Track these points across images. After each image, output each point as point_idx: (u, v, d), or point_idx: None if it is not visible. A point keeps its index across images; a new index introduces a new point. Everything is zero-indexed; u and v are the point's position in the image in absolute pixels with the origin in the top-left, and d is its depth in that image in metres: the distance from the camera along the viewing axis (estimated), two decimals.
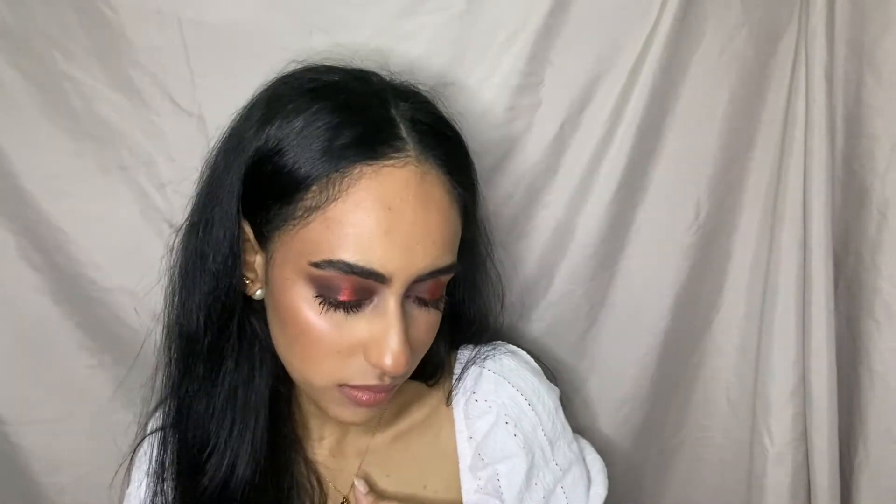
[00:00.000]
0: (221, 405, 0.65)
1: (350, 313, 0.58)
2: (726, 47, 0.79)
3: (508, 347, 0.76)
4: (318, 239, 0.57)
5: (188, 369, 0.66)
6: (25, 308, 0.84)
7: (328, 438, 0.71)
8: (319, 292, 0.57)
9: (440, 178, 0.59)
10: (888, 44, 0.75)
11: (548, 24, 0.76)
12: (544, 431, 0.71)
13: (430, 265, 0.58)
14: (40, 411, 0.87)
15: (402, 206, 0.56)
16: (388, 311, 0.57)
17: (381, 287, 0.57)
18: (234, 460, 0.65)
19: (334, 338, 0.58)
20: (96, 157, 0.79)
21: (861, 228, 0.80)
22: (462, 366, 0.73)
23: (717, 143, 0.82)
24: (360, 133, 0.57)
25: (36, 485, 0.88)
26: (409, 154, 0.58)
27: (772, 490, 0.85)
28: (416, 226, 0.57)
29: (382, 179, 0.57)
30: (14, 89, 0.77)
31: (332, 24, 0.75)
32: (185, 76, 0.77)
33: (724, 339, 0.90)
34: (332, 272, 0.56)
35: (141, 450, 0.72)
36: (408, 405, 0.72)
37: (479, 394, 0.71)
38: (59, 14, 0.75)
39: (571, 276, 0.85)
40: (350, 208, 0.56)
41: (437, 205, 0.59)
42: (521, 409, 0.71)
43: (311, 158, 0.57)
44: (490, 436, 0.70)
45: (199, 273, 0.64)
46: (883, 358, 0.80)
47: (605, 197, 0.81)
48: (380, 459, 0.71)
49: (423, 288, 0.59)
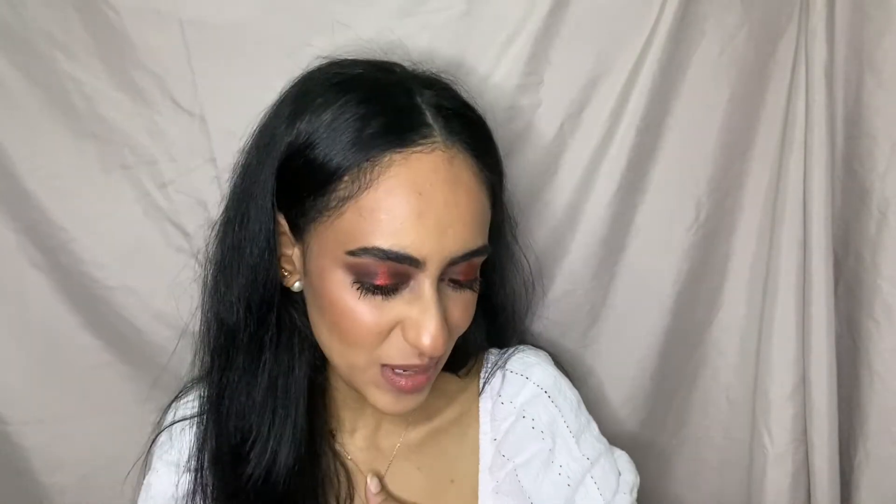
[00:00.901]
0: (262, 395, 0.66)
1: (388, 297, 0.59)
2: (726, 47, 0.79)
3: (528, 347, 0.77)
4: (353, 228, 0.58)
5: (229, 361, 0.67)
6: (28, 307, 0.84)
7: (361, 430, 0.72)
8: (357, 278, 0.59)
9: (467, 162, 0.61)
10: (888, 44, 0.75)
11: (547, 23, 0.76)
12: (567, 423, 0.72)
13: (463, 248, 0.59)
14: (42, 411, 0.87)
15: (432, 191, 0.58)
16: (425, 294, 0.59)
17: (416, 271, 0.58)
18: (276, 448, 0.66)
19: (374, 320, 0.59)
20: (98, 156, 0.80)
21: (861, 228, 0.80)
22: (489, 368, 0.75)
23: (716, 142, 0.82)
24: (387, 122, 0.59)
25: (37, 485, 0.89)
26: (436, 140, 0.59)
27: (772, 490, 0.85)
28: (447, 209, 0.58)
29: (412, 165, 0.58)
30: (16, 89, 0.77)
31: (332, 25, 0.75)
32: (186, 76, 0.77)
33: (724, 339, 0.90)
34: (367, 259, 0.58)
35: (162, 438, 0.73)
36: (439, 404, 0.73)
37: (503, 396, 0.73)
38: (60, 14, 0.75)
39: (572, 277, 0.85)
40: (382, 196, 0.57)
41: (466, 187, 0.60)
42: (542, 403, 0.72)
43: (341, 150, 0.58)
44: (511, 432, 0.71)
45: (237, 267, 0.65)
46: (883, 358, 0.80)
47: (605, 197, 0.81)
48: (412, 453, 0.72)
49: (457, 270, 0.61)
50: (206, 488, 0.67)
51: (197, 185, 0.81)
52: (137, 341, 0.85)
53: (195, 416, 0.70)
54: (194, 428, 0.70)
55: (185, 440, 0.70)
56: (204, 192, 0.81)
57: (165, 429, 0.73)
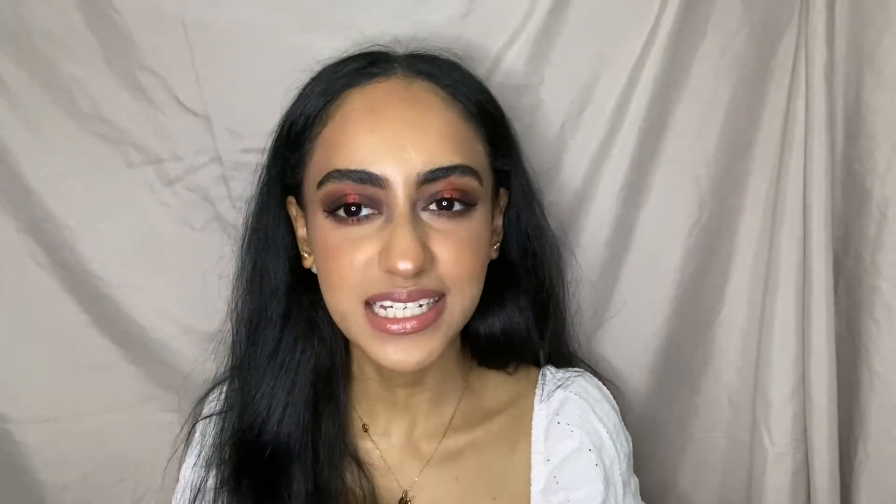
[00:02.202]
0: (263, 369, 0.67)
1: (362, 226, 0.58)
2: (727, 47, 0.79)
3: (592, 378, 0.74)
4: (319, 163, 0.61)
5: (250, 349, 0.69)
6: (31, 305, 0.84)
7: (397, 433, 0.69)
8: (327, 208, 0.59)
9: (430, 87, 0.61)
10: (888, 44, 0.75)
11: (548, 23, 0.76)
12: (620, 471, 0.70)
13: (429, 162, 0.57)
14: (44, 410, 0.87)
15: (385, 108, 0.59)
16: (396, 216, 0.57)
17: (384, 193, 0.57)
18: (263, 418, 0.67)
19: (350, 253, 0.58)
20: (103, 155, 0.80)
21: (861, 228, 0.80)
22: (546, 385, 0.72)
23: (717, 142, 0.82)
24: (353, 68, 0.62)
25: (38, 483, 0.89)
26: (394, 72, 0.62)
27: (772, 490, 0.84)
28: (401, 123, 0.58)
29: (367, 92, 0.60)
30: (20, 89, 0.78)
31: (334, 24, 0.75)
32: (190, 76, 0.78)
33: (725, 339, 0.89)
34: (332, 184, 0.58)
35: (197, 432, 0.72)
36: (486, 412, 0.71)
37: (562, 416, 0.70)
38: (64, 15, 0.76)
39: (575, 278, 0.85)
40: (337, 124, 0.60)
41: (426, 105, 0.60)
42: (604, 441, 0.69)
43: (313, 100, 0.62)
44: (570, 460, 0.68)
45: (260, 249, 0.68)
46: (883, 358, 0.79)
47: (608, 198, 0.82)
48: (450, 462, 0.69)
49: (438, 190, 0.58)
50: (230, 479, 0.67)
51: (202, 182, 0.82)
52: (142, 339, 0.85)
53: (223, 412, 0.70)
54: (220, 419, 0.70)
55: (213, 433, 0.70)
56: (209, 189, 0.82)
57: (200, 421, 0.73)
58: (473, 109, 0.63)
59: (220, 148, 0.80)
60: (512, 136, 0.69)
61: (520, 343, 0.72)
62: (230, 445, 0.68)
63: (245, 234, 0.70)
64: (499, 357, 0.73)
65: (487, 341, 0.71)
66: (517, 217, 0.70)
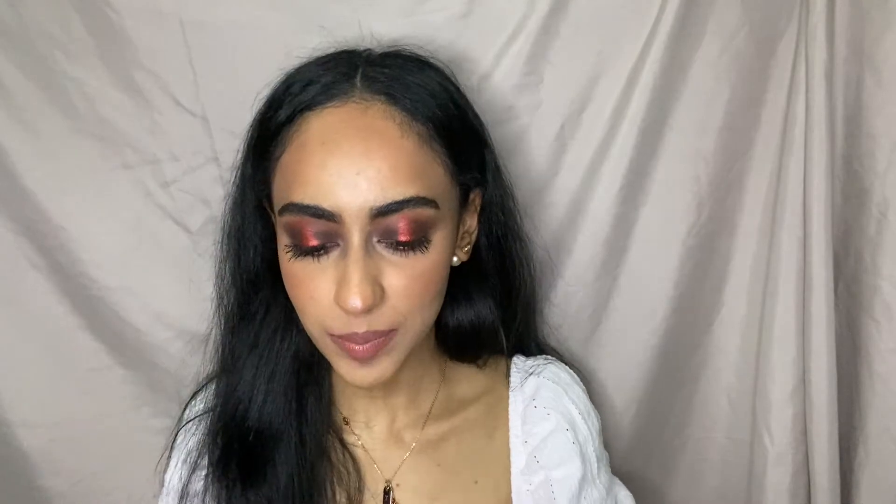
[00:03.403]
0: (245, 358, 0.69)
1: (320, 260, 0.59)
2: (726, 47, 0.79)
3: (561, 364, 0.78)
4: (279, 187, 0.61)
5: (234, 343, 0.70)
6: (27, 308, 0.84)
7: (378, 425, 0.71)
8: (289, 240, 0.60)
9: (388, 111, 0.60)
10: (888, 44, 0.75)
11: (547, 23, 0.76)
12: (594, 448, 0.73)
13: (381, 196, 0.57)
14: (42, 413, 0.86)
15: (336, 139, 0.58)
16: (351, 251, 0.57)
17: (339, 227, 0.57)
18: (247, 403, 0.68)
19: (309, 286, 0.59)
20: (99, 156, 0.80)
21: (861, 228, 0.80)
22: (518, 373, 0.75)
23: (717, 142, 0.82)
24: (322, 83, 0.61)
25: (35, 488, 0.88)
26: (352, 95, 0.60)
27: (772, 490, 0.84)
28: (353, 157, 0.57)
29: (324, 119, 0.59)
30: (16, 89, 0.77)
31: (333, 25, 0.75)
32: (187, 76, 0.77)
33: (725, 339, 0.89)
34: (289, 217, 0.59)
35: (179, 437, 0.73)
36: (462, 401, 0.73)
37: (538, 401, 0.73)
38: (60, 14, 0.75)
39: (574, 279, 0.85)
40: (294, 152, 0.60)
41: (381, 134, 0.58)
42: (576, 421, 0.73)
43: (281, 111, 0.62)
44: (549, 440, 0.71)
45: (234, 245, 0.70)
46: (883, 358, 0.79)
47: (607, 198, 0.82)
48: (431, 450, 0.71)
49: (393, 226, 0.58)
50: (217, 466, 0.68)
51: (200, 184, 0.81)
52: (136, 342, 0.85)
53: (209, 412, 0.71)
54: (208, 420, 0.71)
55: (199, 435, 0.71)
56: (207, 191, 0.81)
57: (183, 427, 0.73)
58: (433, 130, 0.61)
59: (218, 148, 0.80)
60: (480, 144, 0.68)
61: (487, 336, 0.73)
62: (216, 434, 0.69)
63: (222, 231, 0.71)
64: (467, 350, 0.74)
65: (455, 334, 0.73)
66: (489, 217, 0.70)
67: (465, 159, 0.65)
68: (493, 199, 0.70)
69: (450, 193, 0.63)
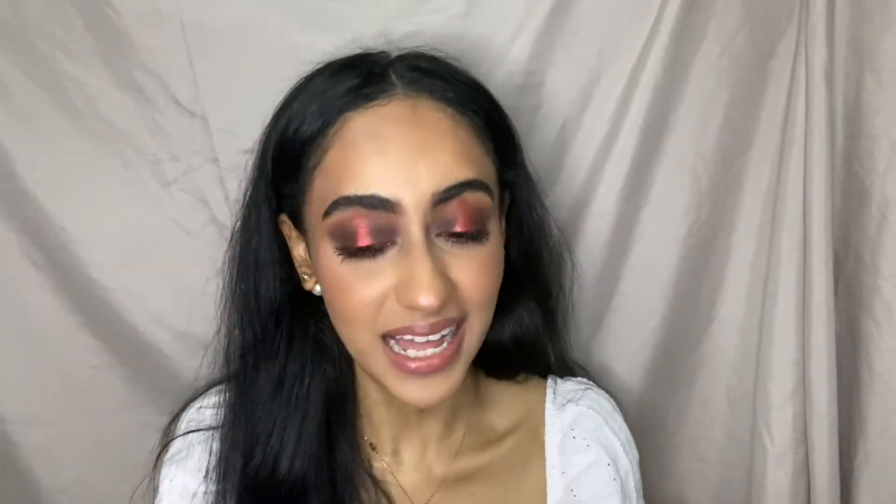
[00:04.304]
0: (271, 404, 0.64)
1: (376, 259, 0.55)
2: (727, 47, 0.79)
3: (600, 389, 0.74)
4: (323, 191, 0.56)
5: (246, 369, 0.65)
6: (28, 307, 0.84)
7: (408, 453, 0.67)
8: (338, 243, 0.55)
9: (436, 105, 0.57)
10: (888, 44, 0.75)
11: (548, 23, 0.76)
12: (634, 482, 0.70)
13: (442, 180, 0.54)
14: (42, 411, 0.86)
15: (390, 132, 0.55)
16: (413, 246, 0.54)
17: (397, 220, 0.54)
18: (275, 458, 0.62)
19: (363, 289, 0.55)
20: (100, 156, 0.80)
21: (861, 228, 0.80)
22: (556, 397, 0.71)
23: (717, 142, 0.82)
24: (349, 86, 0.58)
25: (36, 485, 0.88)
26: (395, 93, 0.57)
27: (772, 490, 0.84)
28: (409, 145, 0.54)
29: (368, 117, 0.56)
30: (17, 89, 0.77)
31: (333, 24, 0.75)
32: (187, 76, 0.77)
33: (724, 338, 0.90)
34: (340, 214, 0.55)
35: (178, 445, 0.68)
36: (497, 430, 0.70)
37: (577, 431, 0.69)
38: (61, 14, 0.75)
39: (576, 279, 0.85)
40: (339, 150, 0.56)
41: (435, 125, 0.56)
42: (618, 454, 0.69)
43: (308, 121, 0.58)
44: (588, 473, 0.68)
45: (250, 273, 0.65)
46: (883, 358, 0.79)
47: (609, 198, 0.82)
48: (465, 479, 0.67)
49: (452, 216, 0.55)
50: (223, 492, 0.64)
51: (200, 184, 0.81)
52: (136, 342, 0.85)
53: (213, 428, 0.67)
54: (215, 437, 0.66)
55: (203, 449, 0.66)
56: (207, 191, 0.81)
57: (181, 435, 0.69)
58: (482, 123, 0.60)
59: (218, 148, 0.80)
60: (516, 142, 0.66)
61: (529, 349, 0.71)
62: (242, 490, 0.63)
63: (233, 256, 0.67)
64: (506, 366, 0.71)
65: (494, 349, 0.69)
66: (520, 221, 0.68)
67: (507, 156, 0.63)
68: (524, 200, 0.67)
69: (497, 189, 0.61)
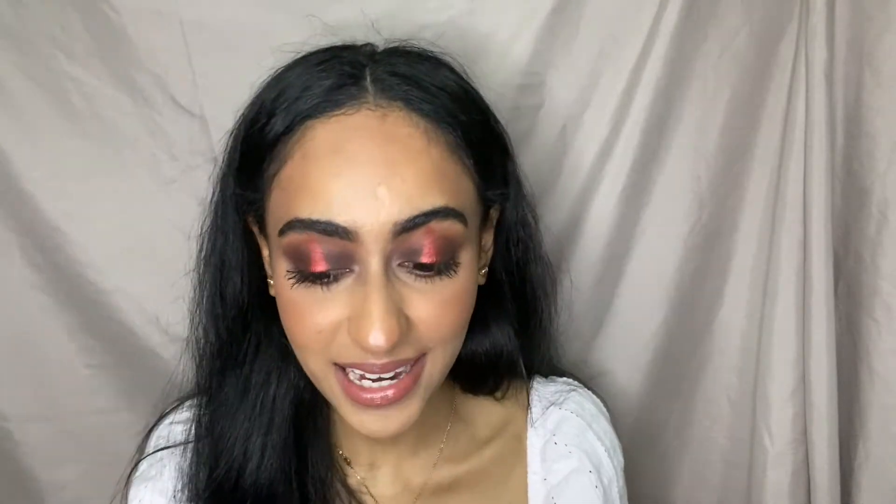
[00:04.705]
0: (235, 408, 0.61)
1: (330, 288, 0.51)
2: (727, 47, 0.79)
3: (585, 390, 0.73)
4: (279, 205, 0.53)
5: (214, 380, 0.64)
6: (26, 307, 0.83)
7: (384, 467, 0.65)
8: (292, 265, 0.52)
9: (409, 118, 0.52)
10: (888, 44, 0.75)
11: (549, 23, 0.76)
12: (618, 488, 0.69)
13: (406, 207, 0.49)
14: (42, 409, 0.86)
15: (353, 147, 0.50)
16: (370, 278, 0.50)
17: (354, 248, 0.50)
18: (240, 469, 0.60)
19: (316, 316, 0.51)
20: (98, 156, 0.79)
21: (861, 228, 0.80)
22: (539, 402, 0.69)
23: (718, 142, 0.82)
24: (321, 88, 0.53)
25: (36, 481, 0.88)
26: (365, 100, 0.52)
27: (772, 490, 0.84)
28: (373, 164, 0.49)
29: (332, 127, 0.51)
30: (15, 89, 0.77)
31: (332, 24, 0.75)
32: (186, 76, 0.77)
33: (724, 339, 0.90)
34: (294, 236, 0.51)
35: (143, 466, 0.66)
36: (477, 440, 0.68)
37: (559, 437, 0.67)
38: (60, 14, 0.75)
39: (577, 280, 0.84)
40: (299, 164, 0.51)
41: (404, 142, 0.51)
42: (602, 460, 0.68)
43: (273, 121, 0.54)
44: (569, 481, 0.66)
45: (218, 274, 0.62)
46: (883, 358, 0.79)
47: (609, 199, 0.82)
48: (444, 493, 0.65)
49: (417, 245, 0.51)
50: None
51: (199, 184, 0.80)
52: (133, 344, 0.84)
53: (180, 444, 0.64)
54: (185, 453, 0.64)
55: (173, 467, 0.64)
56: (205, 191, 0.81)
57: (150, 454, 0.66)
58: (461, 138, 0.54)
59: (217, 149, 0.79)
60: (505, 156, 0.61)
61: (505, 365, 0.67)
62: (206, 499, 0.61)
63: (199, 258, 0.65)
64: (482, 382, 0.68)
65: (468, 364, 0.66)
66: (507, 238, 0.64)
67: (492, 172, 0.58)
68: (512, 215, 0.63)
69: (476, 209, 0.56)
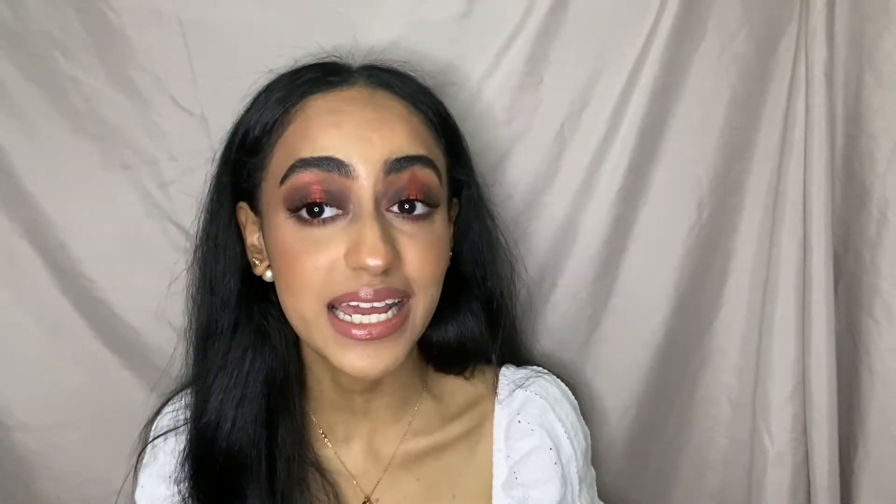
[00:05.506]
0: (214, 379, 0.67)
1: (326, 228, 0.58)
2: (727, 47, 0.79)
3: (552, 377, 0.76)
4: (281, 160, 0.60)
5: (204, 362, 0.68)
6: (25, 309, 0.83)
7: (357, 440, 0.70)
8: (291, 206, 0.58)
9: (392, 96, 0.62)
10: (888, 44, 0.75)
11: (547, 23, 0.76)
12: (577, 469, 0.71)
13: (395, 150, 0.58)
14: (40, 415, 0.86)
15: (349, 109, 0.59)
16: (363, 213, 0.57)
17: (350, 184, 0.57)
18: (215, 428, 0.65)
19: (313, 257, 0.57)
20: (98, 156, 0.80)
21: (861, 228, 0.80)
22: (507, 384, 0.73)
23: (717, 142, 0.82)
24: (313, 77, 0.63)
25: (31, 492, 0.87)
26: (356, 82, 0.62)
27: (772, 490, 0.85)
28: (366, 120, 0.59)
29: (329, 97, 0.61)
30: (15, 89, 0.77)
31: (332, 24, 0.75)
32: (186, 76, 0.77)
33: (725, 339, 0.90)
34: (296, 176, 0.58)
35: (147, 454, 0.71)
36: (445, 416, 0.71)
37: (522, 416, 0.71)
38: (60, 14, 0.75)
39: (574, 279, 0.85)
40: (300, 124, 0.60)
41: (391, 109, 0.61)
42: (561, 440, 0.71)
43: (270, 109, 0.62)
44: (531, 457, 0.69)
45: (210, 258, 0.68)
46: (883, 358, 0.79)
47: (607, 197, 0.82)
48: (411, 463, 0.69)
49: (402, 184, 0.58)
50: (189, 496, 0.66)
51: (198, 184, 0.81)
52: (135, 343, 0.84)
53: (177, 427, 0.69)
54: (179, 437, 0.69)
55: (168, 451, 0.69)
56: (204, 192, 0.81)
57: (149, 443, 0.71)
58: (434, 120, 0.64)
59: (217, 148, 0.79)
60: (467, 150, 0.70)
61: (473, 349, 0.72)
62: (185, 459, 0.67)
63: (194, 245, 0.70)
64: (454, 363, 0.73)
65: (440, 348, 0.72)
66: (468, 228, 0.71)
67: (458, 155, 0.67)
68: (472, 205, 0.70)
69: (446, 181, 0.64)
